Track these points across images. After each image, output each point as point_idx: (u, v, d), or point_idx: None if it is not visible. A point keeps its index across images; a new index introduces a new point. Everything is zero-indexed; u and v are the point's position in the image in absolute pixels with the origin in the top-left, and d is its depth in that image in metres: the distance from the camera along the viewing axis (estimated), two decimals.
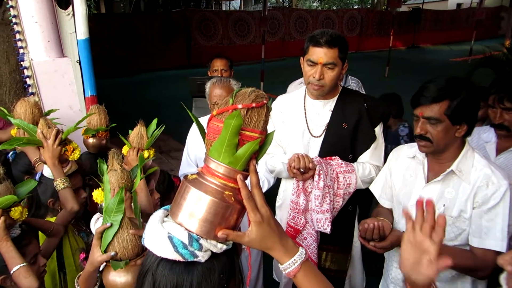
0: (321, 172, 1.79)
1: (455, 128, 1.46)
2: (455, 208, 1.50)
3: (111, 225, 1.18)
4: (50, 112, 2.15)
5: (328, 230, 1.85)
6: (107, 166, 1.47)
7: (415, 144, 1.68)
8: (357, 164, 1.96)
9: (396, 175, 1.75)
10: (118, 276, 1.17)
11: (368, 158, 1.97)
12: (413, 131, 1.56)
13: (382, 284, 1.94)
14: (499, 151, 2.02)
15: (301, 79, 3.82)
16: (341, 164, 1.90)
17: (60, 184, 1.72)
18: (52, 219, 1.84)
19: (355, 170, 1.91)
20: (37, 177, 1.87)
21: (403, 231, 1.55)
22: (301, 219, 1.94)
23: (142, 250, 1.17)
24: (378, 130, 1.97)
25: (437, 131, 1.46)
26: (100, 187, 1.47)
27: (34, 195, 1.86)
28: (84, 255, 1.40)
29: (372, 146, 1.95)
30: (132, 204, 1.39)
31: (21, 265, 1.36)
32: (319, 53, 1.80)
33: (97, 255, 1.20)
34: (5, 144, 1.72)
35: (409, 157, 1.71)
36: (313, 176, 1.83)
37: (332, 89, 1.93)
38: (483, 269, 1.46)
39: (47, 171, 1.84)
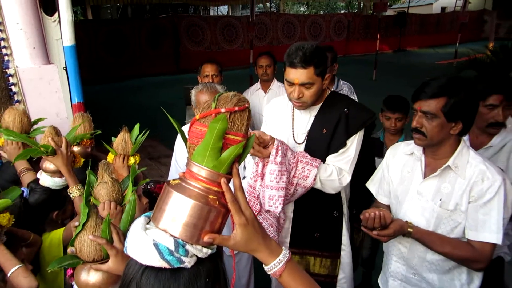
0: (279, 148, 1.74)
1: (450, 125, 1.51)
2: (451, 202, 1.56)
3: (78, 224, 1.17)
4: (39, 120, 2.12)
5: (279, 209, 1.78)
6: (97, 178, 1.44)
7: (411, 141, 1.73)
8: (322, 163, 1.91)
9: (394, 171, 1.80)
10: (86, 275, 1.17)
11: (333, 159, 1.92)
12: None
13: (381, 277, 1.96)
14: (472, 147, 2.04)
15: (256, 85, 3.86)
16: (306, 155, 1.85)
17: (76, 191, 1.69)
18: (58, 231, 1.77)
19: (318, 167, 1.85)
20: (26, 193, 1.79)
21: (406, 220, 1.61)
22: (256, 204, 1.89)
23: (101, 258, 1.15)
24: (353, 139, 1.91)
25: (432, 126, 1.52)
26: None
27: (21, 208, 1.74)
28: (72, 271, 1.38)
29: (340, 150, 1.91)
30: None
31: (19, 266, 1.36)
32: (294, 74, 1.79)
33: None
34: (20, 156, 1.65)
35: (406, 154, 1.76)
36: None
37: (316, 100, 1.92)
38: (480, 261, 1.52)
39: (46, 180, 1.78)
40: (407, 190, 1.71)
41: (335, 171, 1.88)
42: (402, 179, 1.75)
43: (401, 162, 1.78)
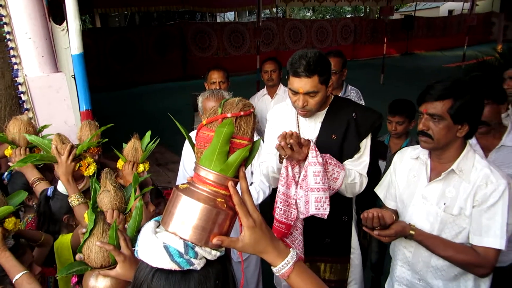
0: (316, 148, 1.69)
1: (457, 127, 1.51)
2: (456, 206, 1.55)
3: (86, 231, 1.19)
4: (44, 128, 2.13)
5: (327, 211, 1.71)
6: (100, 186, 1.44)
7: (418, 146, 1.73)
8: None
9: (400, 176, 1.79)
10: (95, 282, 1.18)
11: (351, 165, 1.91)
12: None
13: (388, 282, 1.95)
14: (484, 150, 2.03)
15: (263, 90, 3.88)
16: (332, 158, 1.82)
17: (74, 200, 1.69)
18: (68, 236, 1.82)
19: (344, 169, 1.84)
20: (49, 192, 1.86)
21: (409, 223, 1.61)
22: (291, 212, 1.82)
23: (109, 264, 1.16)
24: (365, 142, 1.92)
25: (438, 128, 1.51)
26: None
27: (44, 210, 1.85)
28: (76, 279, 1.39)
29: (356, 156, 1.91)
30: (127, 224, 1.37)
31: (23, 272, 1.37)
32: (298, 83, 1.78)
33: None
34: (20, 162, 1.67)
35: (412, 158, 1.76)
36: (299, 164, 1.75)
37: (320, 107, 1.91)
38: (484, 266, 1.50)
39: (61, 187, 1.81)
40: (412, 194, 1.71)
41: (357, 175, 1.88)
42: (408, 183, 1.74)
43: (407, 166, 1.77)
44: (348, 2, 13.52)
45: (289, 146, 1.65)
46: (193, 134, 1.82)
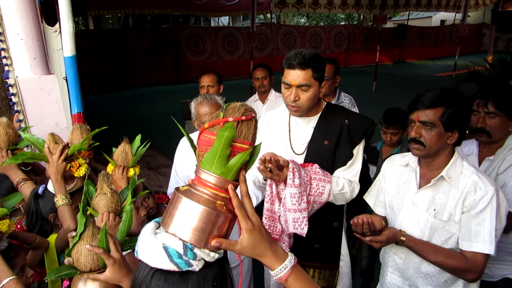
0: (295, 170, 1.72)
1: (448, 134, 1.54)
2: (445, 212, 1.57)
3: (76, 235, 1.17)
4: (26, 129, 2.10)
5: (305, 230, 1.75)
6: (96, 189, 1.44)
7: (407, 153, 1.76)
8: (333, 177, 1.91)
9: (390, 182, 1.81)
10: (83, 286, 1.17)
11: (342, 172, 1.93)
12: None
13: None
14: (481, 163, 2.04)
15: (254, 96, 3.93)
16: (318, 171, 1.84)
17: (59, 200, 1.70)
18: (54, 236, 1.83)
19: (331, 182, 1.85)
20: (40, 190, 1.85)
21: (400, 229, 1.64)
22: (276, 227, 1.86)
23: (98, 267, 1.15)
24: (357, 149, 1.93)
25: (430, 135, 1.54)
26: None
27: (35, 209, 1.84)
28: (68, 283, 1.37)
29: (348, 163, 1.92)
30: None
31: (11, 278, 1.35)
32: (292, 75, 1.80)
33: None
34: (12, 159, 1.71)
35: (402, 165, 1.78)
36: (285, 180, 1.77)
37: (312, 108, 1.92)
38: (473, 271, 1.53)
39: (51, 186, 1.82)
40: (402, 201, 1.73)
41: (346, 184, 1.89)
42: (398, 190, 1.77)
43: (397, 173, 1.80)
44: (342, 9, 13.65)
45: (268, 169, 1.69)
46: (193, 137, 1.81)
